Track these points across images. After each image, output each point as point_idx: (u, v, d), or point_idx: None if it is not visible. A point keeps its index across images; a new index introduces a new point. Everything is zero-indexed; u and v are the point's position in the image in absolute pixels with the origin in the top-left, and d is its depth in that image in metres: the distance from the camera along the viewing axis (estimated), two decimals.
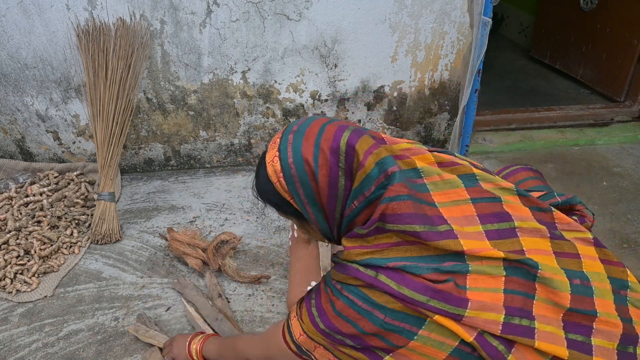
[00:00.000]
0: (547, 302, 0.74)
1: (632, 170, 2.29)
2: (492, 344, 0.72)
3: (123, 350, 1.39)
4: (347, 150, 0.78)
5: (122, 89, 1.90)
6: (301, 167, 0.79)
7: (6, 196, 1.98)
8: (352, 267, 0.77)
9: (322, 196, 0.81)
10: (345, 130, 0.80)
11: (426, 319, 0.73)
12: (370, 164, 0.76)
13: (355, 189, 0.78)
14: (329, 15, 1.99)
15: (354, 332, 0.77)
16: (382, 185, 0.75)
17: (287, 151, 0.81)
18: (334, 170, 0.78)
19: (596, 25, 2.99)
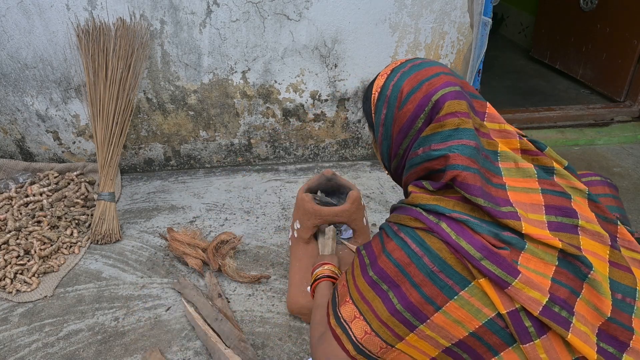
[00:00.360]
0: (589, 304, 0.74)
1: (632, 170, 2.29)
2: (524, 324, 0.71)
3: (123, 350, 1.39)
4: (438, 101, 0.80)
5: (122, 89, 1.90)
6: (396, 92, 0.85)
7: (6, 196, 1.98)
8: (414, 210, 0.79)
9: (397, 126, 0.85)
10: (450, 86, 0.81)
11: (471, 281, 0.72)
12: (450, 124, 0.78)
13: (425, 137, 0.81)
14: (329, 15, 1.99)
15: (400, 279, 0.76)
16: (451, 149, 0.77)
17: (397, 74, 0.87)
18: (418, 110, 0.82)
19: (596, 25, 2.99)
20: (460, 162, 0.75)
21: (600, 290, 0.74)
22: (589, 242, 0.79)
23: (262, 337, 1.42)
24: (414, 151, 0.83)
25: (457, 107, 0.79)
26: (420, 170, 0.83)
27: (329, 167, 2.37)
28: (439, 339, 0.77)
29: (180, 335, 1.43)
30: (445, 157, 0.77)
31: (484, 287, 0.71)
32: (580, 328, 0.72)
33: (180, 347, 1.39)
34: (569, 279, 0.74)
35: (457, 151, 0.76)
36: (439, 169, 0.79)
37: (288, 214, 2.01)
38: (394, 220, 0.82)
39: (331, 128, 2.32)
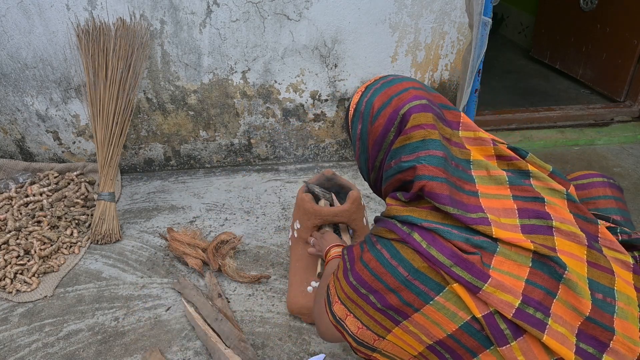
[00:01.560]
0: (567, 305, 0.74)
1: (632, 170, 2.29)
2: (500, 326, 0.73)
3: (123, 350, 1.39)
4: (404, 116, 0.85)
5: (122, 89, 1.90)
6: (369, 108, 0.91)
7: (6, 196, 1.98)
8: (390, 222, 0.83)
9: (371, 139, 0.91)
10: (417, 100, 0.86)
11: (445, 286, 0.75)
12: (417, 136, 0.82)
13: (395, 150, 0.86)
14: (329, 15, 1.99)
15: (377, 286, 0.80)
16: (419, 160, 0.81)
17: (370, 91, 0.94)
18: (388, 124, 0.87)
19: (596, 25, 2.99)
20: (427, 172, 0.79)
21: (577, 290, 0.74)
22: (564, 243, 0.79)
23: (262, 337, 1.42)
24: (387, 163, 0.88)
25: (423, 120, 0.83)
26: (395, 182, 0.87)
27: (329, 167, 2.37)
28: (421, 336, 0.80)
29: (180, 335, 1.43)
30: (414, 169, 0.81)
31: (458, 292, 0.74)
32: (556, 329, 0.72)
33: (180, 347, 1.39)
34: (543, 280, 0.75)
35: (425, 162, 0.80)
36: (410, 179, 0.82)
37: (288, 214, 2.01)
38: (374, 232, 0.86)
39: (331, 128, 2.32)
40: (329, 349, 1.36)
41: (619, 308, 0.75)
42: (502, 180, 0.86)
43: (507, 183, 0.85)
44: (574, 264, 0.77)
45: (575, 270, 0.76)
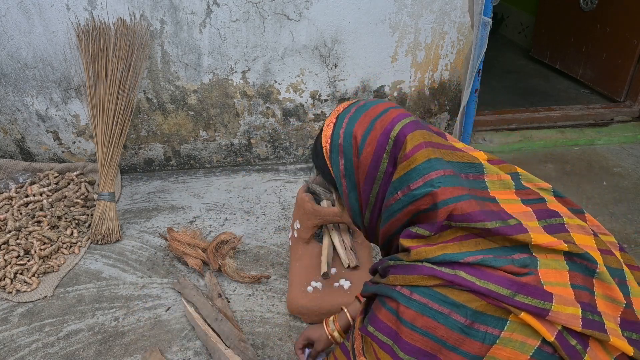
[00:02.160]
0: (605, 298, 0.73)
1: (632, 170, 2.29)
2: (570, 343, 0.69)
3: (123, 350, 1.39)
4: (398, 137, 0.76)
5: (122, 89, 1.90)
6: (349, 139, 0.79)
7: (6, 196, 1.98)
8: (423, 267, 0.71)
9: (361, 173, 0.79)
10: (405, 117, 0.78)
11: (507, 318, 0.68)
12: (420, 158, 0.73)
13: (398, 179, 0.75)
14: (329, 15, 1.99)
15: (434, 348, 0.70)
16: (431, 183, 0.72)
17: (344, 120, 0.82)
18: (379, 151, 0.77)
19: (596, 25, 2.99)
20: (450, 194, 0.71)
21: (608, 280, 0.73)
22: (579, 237, 0.78)
23: (262, 337, 1.42)
24: (391, 197, 0.76)
25: (421, 138, 0.75)
26: (404, 216, 0.76)
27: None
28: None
29: (180, 335, 1.43)
30: (432, 195, 0.71)
31: (526, 320, 0.68)
32: (610, 326, 0.71)
33: (180, 347, 1.39)
34: (581, 279, 0.72)
35: (441, 184, 0.72)
36: (426, 208, 0.73)
37: (288, 214, 2.01)
38: (401, 283, 0.73)
39: None
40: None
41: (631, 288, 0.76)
42: (509, 184, 0.82)
43: (514, 187, 0.82)
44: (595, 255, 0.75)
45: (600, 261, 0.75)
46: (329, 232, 1.59)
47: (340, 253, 1.54)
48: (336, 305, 1.41)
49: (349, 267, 1.52)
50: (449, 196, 0.71)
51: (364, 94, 2.22)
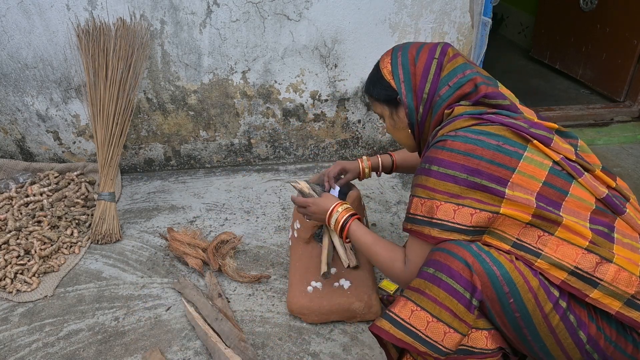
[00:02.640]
0: (594, 165, 1.04)
1: (632, 170, 2.29)
2: (571, 164, 0.97)
3: (123, 350, 1.39)
4: (443, 49, 1.09)
5: (122, 89, 1.90)
6: (406, 55, 1.10)
7: (6, 196, 1.98)
8: (464, 115, 1.00)
9: (417, 75, 1.08)
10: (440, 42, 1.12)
11: (526, 145, 0.95)
12: (460, 61, 1.07)
13: (447, 75, 1.06)
14: (329, 15, 1.99)
15: (474, 163, 0.93)
16: (473, 73, 1.05)
17: (398, 49, 1.13)
18: (430, 58, 1.08)
19: (596, 25, 2.99)
20: (482, 80, 1.04)
21: (587, 150, 1.07)
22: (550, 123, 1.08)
23: (262, 337, 1.42)
24: (442, 88, 1.06)
25: (456, 50, 1.10)
26: (452, 100, 1.05)
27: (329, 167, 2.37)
28: (523, 195, 0.92)
29: (180, 335, 1.43)
30: (473, 79, 1.04)
31: (538, 146, 0.95)
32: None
33: (181, 347, 1.39)
34: (560, 139, 1.03)
35: (477, 74, 1.05)
36: (469, 91, 1.03)
37: (288, 214, 2.01)
38: (447, 130, 0.99)
39: (331, 128, 2.32)
40: (329, 348, 1.37)
41: None
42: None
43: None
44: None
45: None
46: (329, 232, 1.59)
47: (340, 253, 1.54)
48: (336, 305, 1.41)
49: (349, 267, 1.52)
50: (483, 80, 1.04)
51: (364, 94, 2.22)
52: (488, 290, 0.88)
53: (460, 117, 1.00)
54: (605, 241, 0.91)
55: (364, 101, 2.25)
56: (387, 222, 1.92)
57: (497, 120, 0.97)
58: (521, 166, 0.92)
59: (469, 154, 0.93)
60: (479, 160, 0.92)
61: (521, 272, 0.88)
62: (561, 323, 0.88)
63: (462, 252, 0.90)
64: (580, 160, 0.99)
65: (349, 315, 1.42)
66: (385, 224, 1.91)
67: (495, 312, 0.90)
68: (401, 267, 1.06)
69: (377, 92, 1.17)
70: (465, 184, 0.93)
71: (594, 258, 0.88)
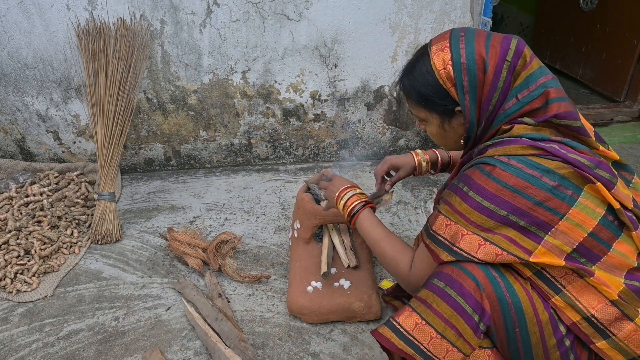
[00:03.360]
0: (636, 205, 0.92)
1: None
2: (629, 214, 0.87)
3: (123, 350, 1.39)
4: (517, 50, 0.90)
5: (122, 89, 1.90)
6: (472, 57, 0.90)
7: (6, 196, 1.98)
8: (524, 139, 0.87)
9: (486, 84, 0.91)
10: (513, 37, 0.93)
11: (583, 188, 0.84)
12: (536, 64, 0.91)
13: (518, 85, 0.90)
14: (329, 15, 1.99)
15: (520, 202, 0.83)
16: (544, 85, 0.89)
17: (459, 44, 0.92)
18: (500, 63, 0.90)
19: (596, 25, 2.99)
20: (557, 95, 0.88)
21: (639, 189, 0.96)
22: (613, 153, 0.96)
23: (262, 337, 1.42)
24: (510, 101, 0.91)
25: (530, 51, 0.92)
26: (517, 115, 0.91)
27: (329, 167, 2.37)
28: (562, 247, 0.84)
29: (180, 335, 1.43)
30: (545, 94, 0.88)
31: (598, 190, 0.84)
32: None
33: (181, 347, 1.39)
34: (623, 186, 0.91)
35: (552, 85, 0.89)
36: (538, 107, 0.89)
37: (288, 214, 2.01)
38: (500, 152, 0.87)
39: (331, 128, 2.32)
40: (329, 348, 1.37)
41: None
42: None
43: None
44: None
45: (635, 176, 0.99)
46: (329, 232, 1.60)
47: (340, 253, 1.55)
48: (336, 305, 1.41)
49: (348, 267, 1.52)
50: (557, 95, 0.88)
51: (364, 94, 2.22)
52: (496, 314, 0.85)
53: (519, 141, 0.87)
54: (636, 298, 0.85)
55: (364, 101, 2.25)
56: (387, 222, 1.92)
57: (560, 154, 0.84)
58: (571, 213, 0.83)
59: (519, 191, 0.83)
60: (527, 201, 0.82)
61: (533, 304, 0.85)
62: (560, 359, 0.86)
63: (476, 271, 0.86)
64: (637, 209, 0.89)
65: (349, 315, 1.42)
66: (385, 224, 1.90)
67: (499, 336, 0.87)
68: (406, 270, 1.02)
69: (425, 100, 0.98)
70: (503, 221, 0.84)
71: (614, 312, 0.84)
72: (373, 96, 2.23)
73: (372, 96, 2.23)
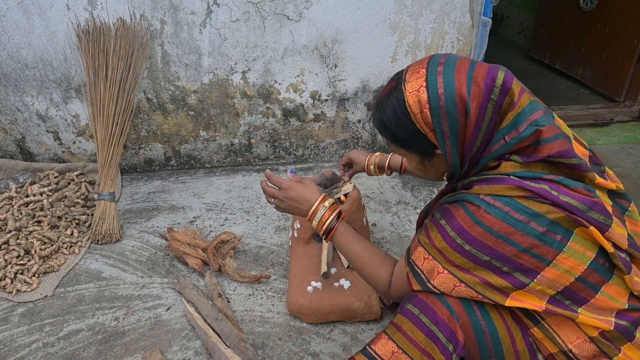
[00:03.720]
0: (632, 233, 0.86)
1: (632, 170, 2.29)
2: (622, 255, 0.80)
3: (123, 350, 1.39)
4: (503, 87, 0.80)
5: (122, 89, 1.90)
6: (452, 99, 0.80)
7: (6, 196, 1.98)
8: (512, 179, 0.79)
9: (468, 129, 0.81)
10: (499, 69, 0.82)
11: (573, 231, 0.77)
12: (525, 100, 0.81)
13: (506, 127, 0.81)
14: (329, 15, 1.99)
15: (505, 249, 0.77)
16: (536, 123, 0.79)
17: (437, 82, 0.80)
18: (485, 103, 0.80)
19: (596, 25, 2.99)
20: (551, 133, 0.79)
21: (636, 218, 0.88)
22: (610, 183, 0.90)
23: (262, 337, 1.42)
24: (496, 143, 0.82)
25: (520, 84, 0.82)
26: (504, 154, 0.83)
27: (329, 167, 2.37)
28: (546, 290, 0.80)
29: (180, 335, 1.43)
30: (537, 133, 0.79)
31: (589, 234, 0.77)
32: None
33: (181, 347, 1.39)
34: (618, 213, 0.85)
35: (544, 123, 0.79)
36: (527, 145, 0.81)
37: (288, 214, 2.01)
38: (486, 192, 0.80)
39: (331, 128, 2.32)
40: (329, 348, 1.37)
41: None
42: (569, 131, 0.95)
43: None
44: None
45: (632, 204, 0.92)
46: None
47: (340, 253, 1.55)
48: (336, 305, 1.41)
49: (348, 267, 1.52)
50: (549, 134, 0.79)
51: (364, 94, 2.22)
52: (471, 343, 0.83)
53: (506, 180, 0.79)
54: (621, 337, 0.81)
55: (364, 101, 2.25)
56: (387, 222, 1.92)
57: (551, 197, 0.76)
58: (559, 259, 0.77)
59: (504, 237, 0.77)
60: (512, 248, 0.77)
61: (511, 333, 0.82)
62: None
63: (451, 299, 0.83)
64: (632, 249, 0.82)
65: (349, 315, 1.42)
66: (385, 224, 1.91)
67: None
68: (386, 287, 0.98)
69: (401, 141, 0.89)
70: (484, 265, 0.80)
71: (593, 349, 0.81)
72: (373, 96, 2.23)
73: (372, 96, 2.23)
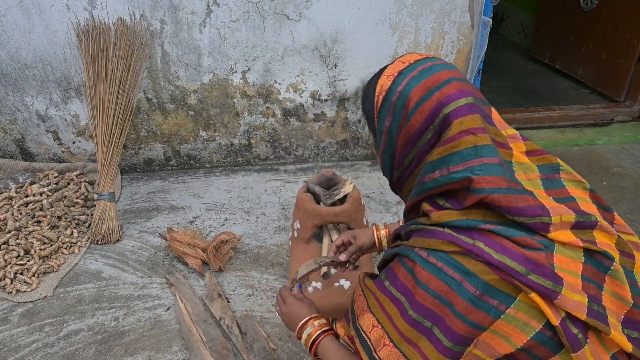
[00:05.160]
0: (613, 295, 0.74)
1: (632, 170, 2.29)
2: (573, 332, 0.69)
3: (123, 350, 1.39)
4: (447, 117, 0.75)
5: (122, 89, 1.90)
6: (403, 100, 0.78)
7: (6, 196, 1.98)
8: (443, 232, 0.73)
9: (403, 137, 0.79)
10: (463, 97, 0.75)
11: (516, 297, 0.69)
12: (466, 142, 0.73)
13: (439, 159, 0.75)
14: (329, 15, 1.99)
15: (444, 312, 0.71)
16: (471, 170, 0.72)
17: (405, 79, 0.79)
18: (427, 122, 0.76)
19: (596, 25, 2.99)
20: (487, 184, 0.70)
21: (621, 279, 0.74)
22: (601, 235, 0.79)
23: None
24: (426, 174, 0.77)
25: (472, 123, 0.74)
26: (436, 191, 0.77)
27: (329, 167, 2.37)
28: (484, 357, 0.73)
29: (180, 335, 1.43)
30: (468, 180, 0.72)
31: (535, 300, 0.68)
32: (612, 321, 0.71)
33: (181, 347, 1.39)
34: (592, 273, 0.74)
35: (481, 173, 0.71)
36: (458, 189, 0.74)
37: (288, 214, 2.01)
38: (420, 245, 0.75)
39: (331, 128, 2.32)
40: None
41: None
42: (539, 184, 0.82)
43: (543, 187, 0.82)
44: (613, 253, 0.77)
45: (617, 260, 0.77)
46: (329, 232, 1.59)
47: None
48: (336, 305, 1.41)
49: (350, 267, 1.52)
50: (484, 186, 0.71)
51: None
52: None
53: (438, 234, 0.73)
54: None
55: None
56: (387, 222, 1.92)
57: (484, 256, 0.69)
58: (496, 325, 0.69)
59: (440, 297, 0.71)
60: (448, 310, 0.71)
61: None
62: None
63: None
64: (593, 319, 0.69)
65: None
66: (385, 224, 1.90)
67: None
68: None
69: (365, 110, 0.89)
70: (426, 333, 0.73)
71: None
72: None
73: None
